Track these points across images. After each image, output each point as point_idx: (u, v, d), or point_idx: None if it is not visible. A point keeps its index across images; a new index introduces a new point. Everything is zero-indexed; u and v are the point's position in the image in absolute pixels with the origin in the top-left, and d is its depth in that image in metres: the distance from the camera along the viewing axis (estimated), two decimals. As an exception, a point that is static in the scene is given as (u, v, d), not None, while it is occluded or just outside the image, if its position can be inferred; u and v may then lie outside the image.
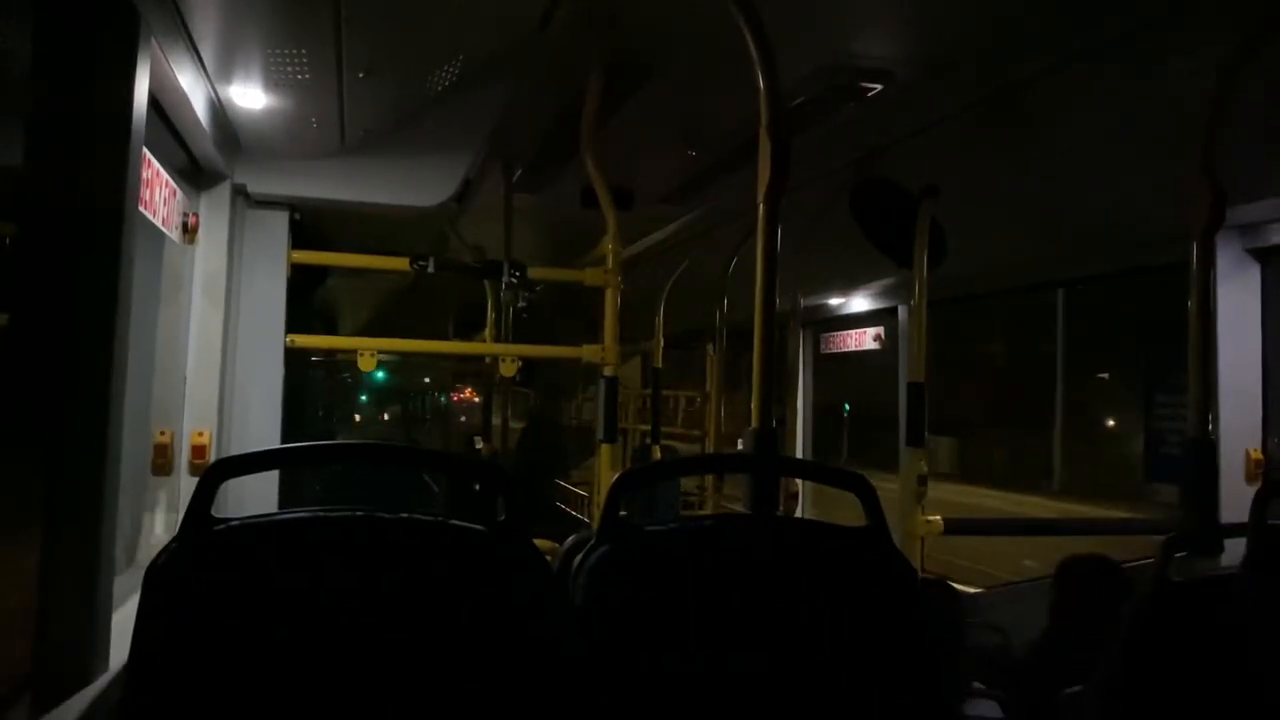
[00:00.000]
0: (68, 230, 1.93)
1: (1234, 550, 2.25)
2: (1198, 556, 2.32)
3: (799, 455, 6.17)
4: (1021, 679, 3.70)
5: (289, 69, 2.55)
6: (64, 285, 1.93)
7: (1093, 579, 3.38)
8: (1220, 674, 1.88)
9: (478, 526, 1.56)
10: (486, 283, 5.36)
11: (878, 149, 3.88)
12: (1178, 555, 1.94)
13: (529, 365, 4.69)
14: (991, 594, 4.36)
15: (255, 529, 1.49)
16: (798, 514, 5.57)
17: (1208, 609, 1.93)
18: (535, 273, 4.25)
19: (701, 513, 6.26)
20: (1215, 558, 2.39)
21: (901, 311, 5.24)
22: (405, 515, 1.57)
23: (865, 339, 6.17)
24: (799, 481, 5.22)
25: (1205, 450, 2.66)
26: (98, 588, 1.95)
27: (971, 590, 4.40)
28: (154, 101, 2.44)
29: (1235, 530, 2.31)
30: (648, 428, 7.52)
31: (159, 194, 2.77)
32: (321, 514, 1.53)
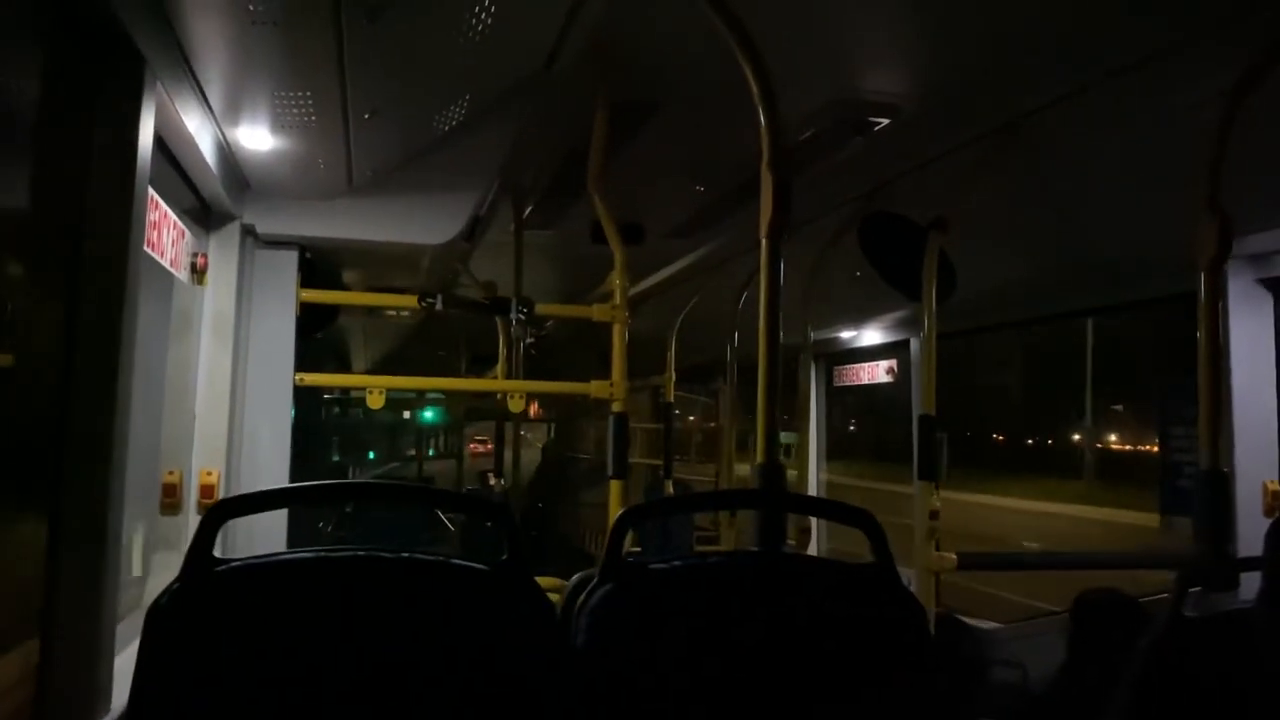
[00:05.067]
0: (72, 271, 1.95)
1: (1250, 585, 2.22)
2: (1213, 591, 2.29)
3: (812, 489, 6.13)
4: (1039, 715, 3.64)
5: (295, 111, 2.57)
6: (68, 327, 1.94)
7: (1109, 613, 3.34)
8: (1236, 710, 1.85)
9: (480, 565, 1.56)
10: (498, 319, 5.37)
11: (885, 182, 3.89)
12: (1192, 590, 1.91)
13: (545, 401, 4.69)
14: (1008, 629, 4.31)
15: (256, 570, 1.49)
16: (811, 548, 5.52)
17: (1223, 644, 1.91)
18: (543, 308, 4.25)
19: (715, 548, 6.22)
20: (1231, 592, 2.36)
21: (913, 344, 5.22)
22: (406, 555, 1.57)
23: (878, 372, 6.16)
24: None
25: (1218, 482, 2.63)
26: (100, 630, 1.95)
27: (987, 625, 4.35)
28: (161, 144, 2.46)
29: (1251, 564, 2.28)
30: (660, 462, 7.49)
31: (167, 235, 2.80)
32: (323, 554, 1.53)
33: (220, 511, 1.49)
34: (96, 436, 1.94)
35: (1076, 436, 28.95)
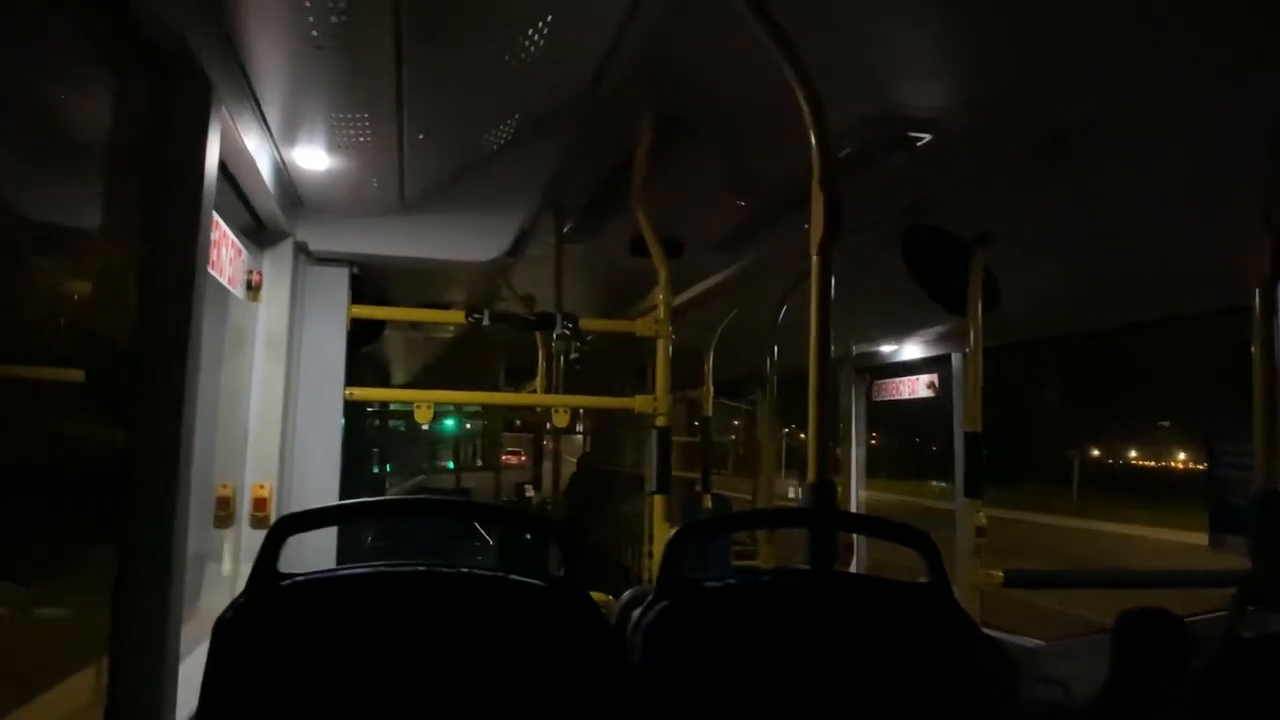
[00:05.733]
0: (141, 291, 2.00)
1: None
2: (1270, 610, 2.26)
3: (853, 507, 6.10)
4: (1085, 735, 3.59)
5: (351, 132, 2.62)
6: (136, 344, 1.99)
7: (1154, 633, 3.30)
8: None
9: (537, 581, 1.58)
10: (538, 333, 5.41)
11: (927, 196, 3.88)
12: (1249, 609, 1.90)
13: (577, 414, 4.73)
14: (1052, 647, 4.27)
15: (320, 584, 1.52)
16: (852, 566, 5.51)
17: None
18: (587, 324, 4.28)
19: (754, 563, 6.21)
20: None
21: (955, 359, 5.19)
22: (465, 570, 1.60)
23: (919, 386, 6.12)
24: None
25: (1274, 500, 2.59)
26: (166, 641, 1.99)
27: (1031, 643, 4.30)
28: (221, 165, 2.52)
29: None
30: (697, 475, 7.49)
31: (225, 254, 2.85)
32: (384, 569, 1.56)
33: (285, 526, 1.53)
34: (162, 452, 1.98)
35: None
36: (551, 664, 1.53)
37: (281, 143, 2.74)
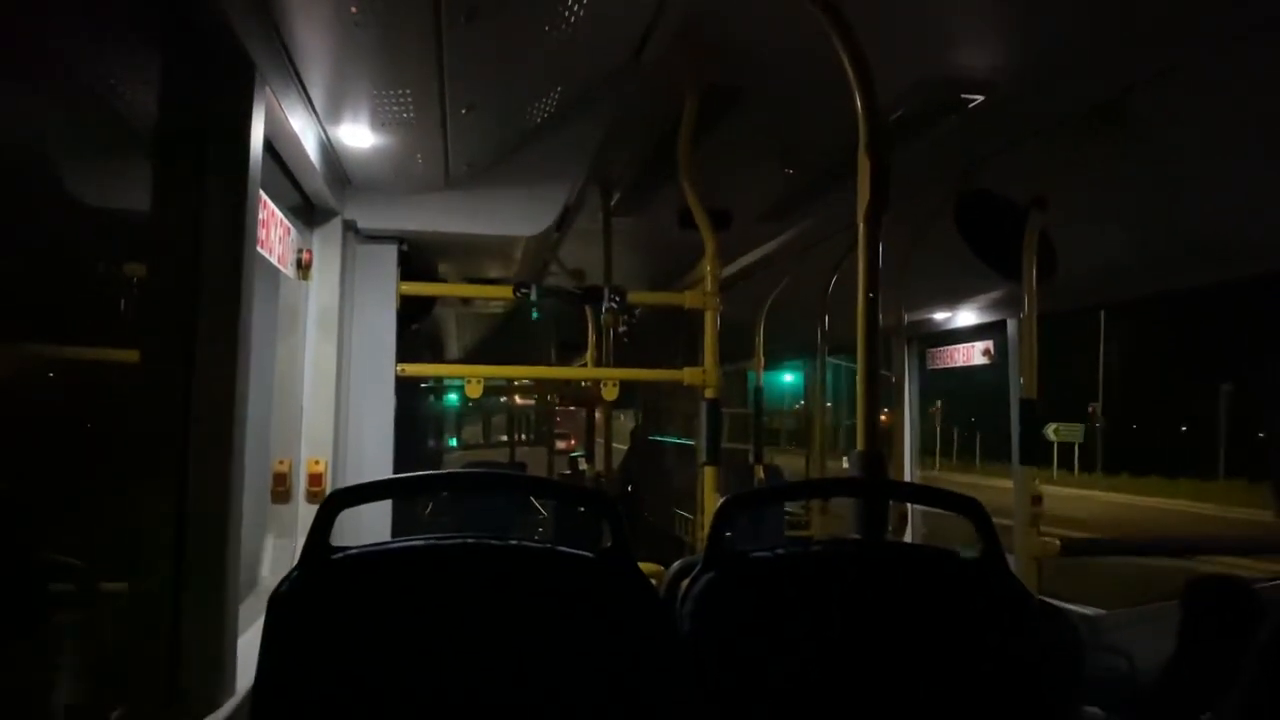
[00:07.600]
0: (191, 271, 2.03)
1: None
2: None
3: (906, 475, 6.04)
4: (1147, 706, 3.54)
5: (395, 109, 2.63)
6: (188, 323, 2.03)
7: (1222, 600, 3.23)
8: None
9: (586, 554, 1.59)
10: (587, 307, 5.42)
11: (980, 160, 3.80)
12: None
13: (628, 386, 4.72)
14: (1112, 616, 4.20)
15: (372, 557, 1.54)
16: (907, 535, 5.45)
17: None
18: (635, 297, 4.27)
19: (807, 533, 6.18)
20: None
21: (1010, 325, 5.10)
22: (515, 542, 1.61)
23: (974, 354, 6.02)
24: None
25: None
26: (225, 615, 2.03)
27: (1093, 612, 4.24)
28: (269, 145, 2.54)
29: None
30: (749, 447, 7.47)
31: (274, 233, 2.89)
32: (435, 542, 1.58)
33: (337, 501, 1.55)
34: (216, 428, 2.02)
35: None
36: (600, 635, 1.54)
37: (327, 121, 2.76)
